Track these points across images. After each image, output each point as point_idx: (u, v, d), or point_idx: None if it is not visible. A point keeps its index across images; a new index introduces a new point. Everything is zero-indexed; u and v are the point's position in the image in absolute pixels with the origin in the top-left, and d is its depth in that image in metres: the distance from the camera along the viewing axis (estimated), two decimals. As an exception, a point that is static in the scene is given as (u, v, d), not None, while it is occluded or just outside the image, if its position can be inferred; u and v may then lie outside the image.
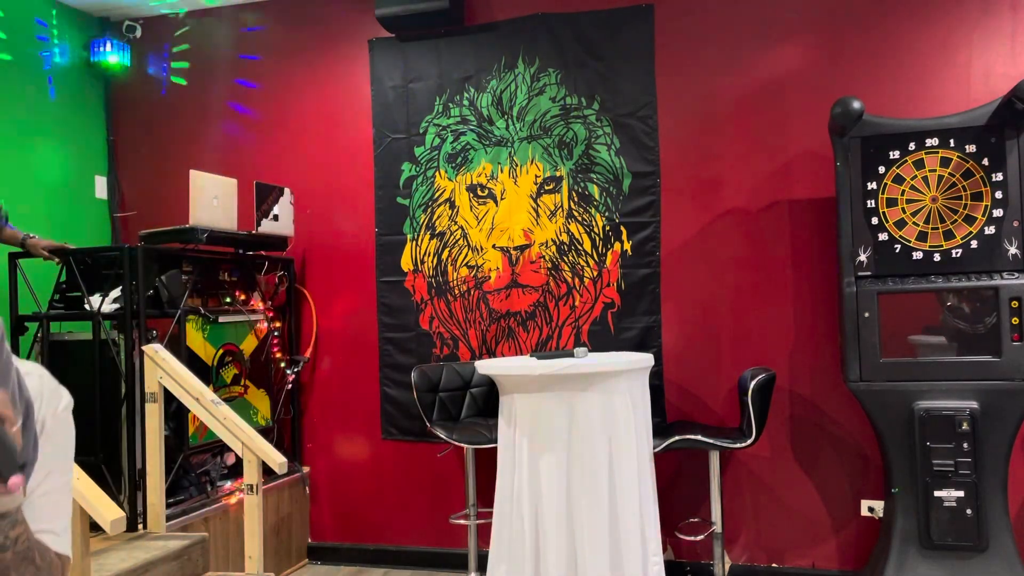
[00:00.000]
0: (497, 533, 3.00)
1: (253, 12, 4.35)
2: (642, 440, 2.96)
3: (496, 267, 3.90)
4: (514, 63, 3.89)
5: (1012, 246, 2.91)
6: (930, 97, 3.40)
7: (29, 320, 3.57)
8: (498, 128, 3.91)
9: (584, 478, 2.81)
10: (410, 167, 4.05)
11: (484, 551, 3.19)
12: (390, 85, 4.08)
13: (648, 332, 3.72)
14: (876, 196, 3.04)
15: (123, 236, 4.53)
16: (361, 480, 4.11)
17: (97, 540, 2.98)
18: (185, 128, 4.44)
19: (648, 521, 2.95)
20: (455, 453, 3.91)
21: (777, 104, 3.59)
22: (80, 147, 4.43)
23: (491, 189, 3.92)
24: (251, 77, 4.35)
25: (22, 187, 4.06)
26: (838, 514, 3.53)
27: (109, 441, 3.36)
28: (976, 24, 3.38)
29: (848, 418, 3.49)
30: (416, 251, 4.03)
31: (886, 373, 3.01)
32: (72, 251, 3.51)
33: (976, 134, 2.95)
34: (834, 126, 3.09)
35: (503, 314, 3.89)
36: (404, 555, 4.03)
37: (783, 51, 3.59)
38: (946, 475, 2.93)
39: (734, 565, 3.64)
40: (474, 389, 3.77)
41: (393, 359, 4.03)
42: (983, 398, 2.92)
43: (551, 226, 3.83)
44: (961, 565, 2.93)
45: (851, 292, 3.05)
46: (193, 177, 3.55)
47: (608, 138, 3.76)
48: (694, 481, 3.61)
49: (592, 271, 3.78)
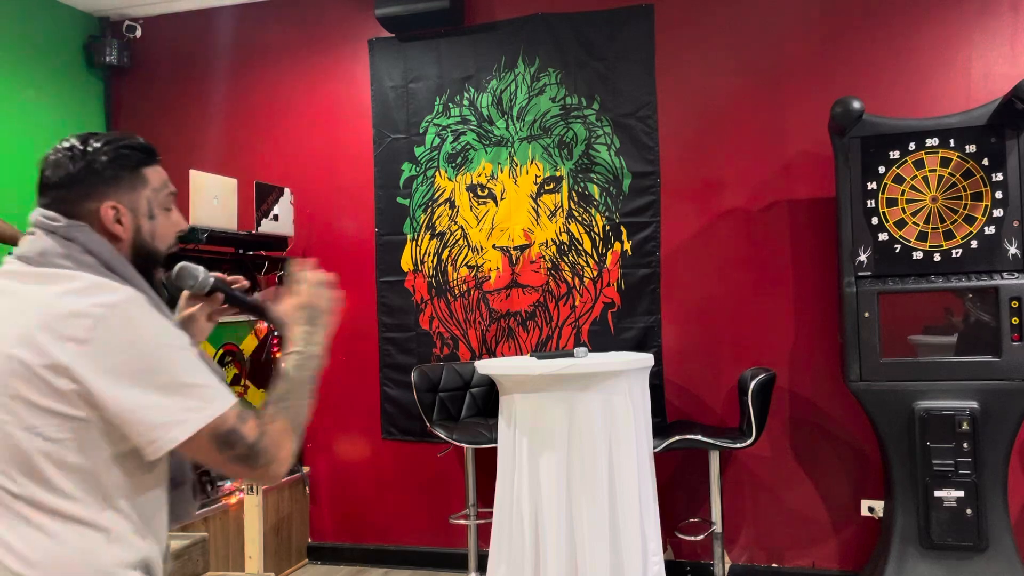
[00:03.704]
0: (497, 533, 3.00)
1: (253, 12, 4.35)
2: (642, 440, 2.96)
3: (496, 267, 3.90)
4: (514, 63, 3.89)
5: (1012, 246, 2.91)
6: (930, 97, 3.40)
7: (29, 320, 3.57)
8: (498, 128, 3.91)
9: (584, 478, 2.81)
10: (410, 167, 4.05)
11: (484, 551, 3.19)
12: (390, 85, 4.08)
13: (648, 332, 3.71)
14: (876, 196, 3.04)
15: (123, 236, 4.53)
16: (361, 480, 4.10)
17: (97, 540, 2.97)
18: (185, 128, 4.44)
19: (648, 521, 2.95)
20: (455, 453, 3.91)
21: (777, 104, 3.59)
22: (80, 147, 4.43)
23: (491, 189, 3.92)
24: (251, 77, 4.35)
25: (22, 187, 4.06)
26: (838, 514, 3.53)
27: (109, 441, 3.35)
28: (976, 24, 3.38)
29: (848, 418, 3.49)
30: (416, 251, 4.03)
31: (886, 373, 3.01)
32: (72, 251, 3.51)
33: (976, 134, 2.95)
34: (834, 126, 3.09)
35: (503, 314, 3.89)
36: (404, 555, 4.03)
37: (783, 51, 3.59)
38: (946, 475, 2.93)
39: (734, 565, 3.64)
40: (474, 389, 3.77)
41: (393, 359, 4.03)
42: (983, 398, 2.91)
43: (551, 226, 3.83)
44: (961, 565, 2.93)
45: (851, 292, 3.05)
46: (193, 177, 3.55)
47: (608, 138, 3.76)
48: (694, 481, 3.61)
49: (592, 271, 3.78)
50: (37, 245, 1.20)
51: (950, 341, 3.07)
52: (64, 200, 1.23)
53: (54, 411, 1.09)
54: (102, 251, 1.20)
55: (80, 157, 1.24)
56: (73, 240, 1.19)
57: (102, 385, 1.08)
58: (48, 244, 1.19)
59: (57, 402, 1.09)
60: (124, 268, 1.21)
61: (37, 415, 1.09)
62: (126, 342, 1.10)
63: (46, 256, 1.18)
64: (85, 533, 1.11)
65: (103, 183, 1.23)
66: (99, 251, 1.20)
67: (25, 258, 1.20)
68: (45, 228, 1.21)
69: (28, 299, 1.13)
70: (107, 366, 1.09)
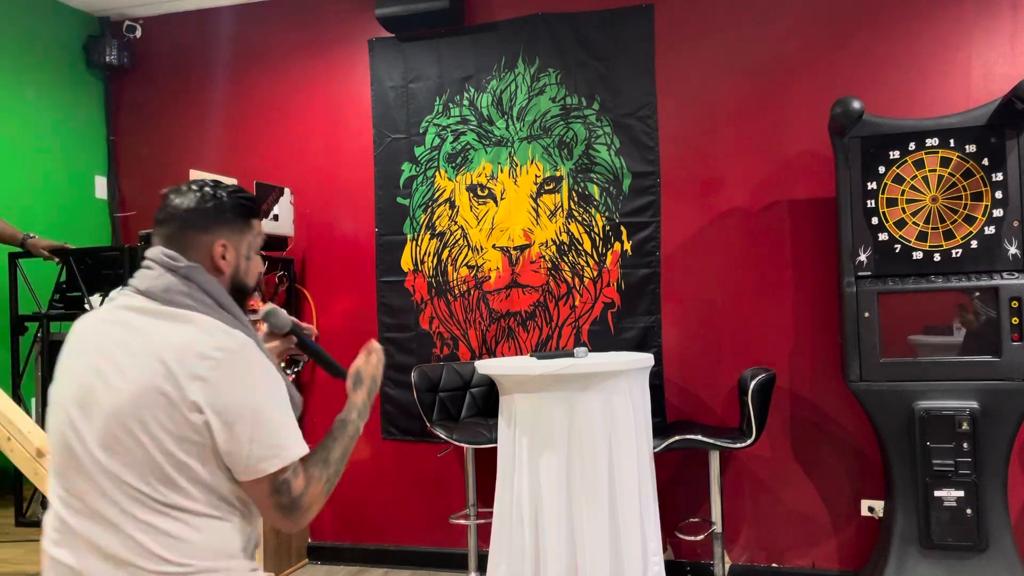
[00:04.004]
0: (497, 533, 3.00)
1: (253, 12, 4.35)
2: (642, 440, 2.96)
3: (496, 267, 3.90)
4: (514, 63, 3.89)
5: (1012, 246, 2.91)
6: (930, 97, 3.40)
7: (29, 320, 3.57)
8: (498, 128, 3.91)
9: (584, 478, 2.81)
10: (410, 167, 4.05)
11: (484, 551, 3.19)
12: (390, 85, 4.08)
13: (648, 332, 3.72)
14: (876, 196, 3.04)
15: (123, 236, 4.53)
16: (361, 480, 4.10)
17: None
18: (185, 128, 4.44)
19: (648, 521, 2.95)
20: (455, 453, 3.91)
21: (777, 104, 3.60)
22: (80, 147, 4.43)
23: (491, 189, 3.92)
24: (251, 77, 4.35)
25: (22, 187, 4.06)
26: (838, 514, 3.53)
27: (109, 441, 3.36)
28: (976, 24, 3.38)
29: (848, 418, 3.49)
30: (416, 251, 4.03)
31: (886, 373, 3.01)
32: (72, 251, 3.52)
33: (976, 134, 2.95)
34: (834, 126, 3.09)
35: (503, 314, 3.89)
36: (404, 555, 4.03)
37: (783, 51, 3.59)
38: (946, 475, 2.93)
39: (734, 565, 3.64)
40: (474, 389, 3.77)
41: (393, 359, 4.03)
42: (983, 398, 2.92)
43: (551, 226, 3.83)
44: (961, 565, 2.93)
45: (851, 292, 3.05)
46: (193, 177, 3.55)
47: (608, 138, 3.76)
48: (694, 481, 3.61)
49: (592, 271, 3.78)
50: (161, 282, 1.40)
51: (950, 341, 3.07)
52: (185, 228, 1.45)
53: (187, 438, 1.32)
54: (216, 292, 1.43)
55: (211, 197, 1.47)
56: (193, 280, 1.41)
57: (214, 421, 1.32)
58: (171, 282, 1.39)
59: (189, 431, 1.32)
60: (232, 307, 1.45)
61: (173, 441, 1.32)
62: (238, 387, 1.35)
63: (170, 294, 1.39)
64: (212, 524, 1.37)
65: (222, 222, 1.47)
66: (214, 292, 1.42)
67: (150, 294, 1.40)
68: (166, 266, 1.41)
69: (162, 337, 1.35)
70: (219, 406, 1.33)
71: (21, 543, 3.22)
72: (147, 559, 1.31)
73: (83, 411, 1.35)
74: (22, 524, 3.47)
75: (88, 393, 1.35)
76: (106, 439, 1.32)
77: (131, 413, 1.31)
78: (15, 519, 3.49)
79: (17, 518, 3.48)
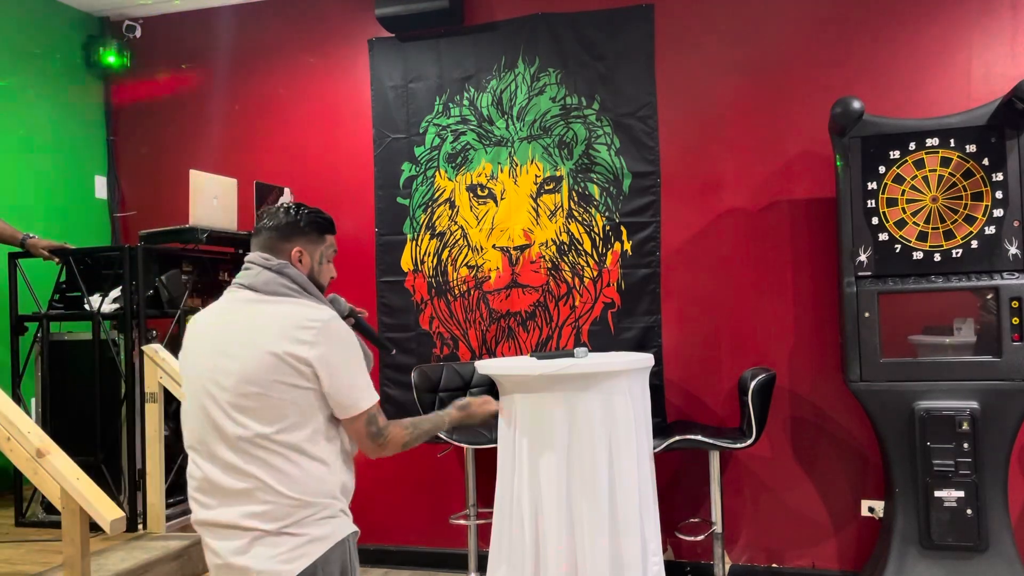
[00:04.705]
0: (497, 533, 3.00)
1: (253, 12, 4.35)
2: (642, 440, 2.96)
3: (496, 267, 3.90)
4: (514, 63, 3.89)
5: (1012, 246, 2.91)
6: (930, 97, 3.40)
7: (29, 320, 3.57)
8: (498, 128, 3.91)
9: (584, 478, 2.81)
10: (410, 167, 4.05)
11: (484, 551, 3.19)
12: (390, 85, 4.08)
13: (648, 332, 3.71)
14: (876, 196, 3.04)
15: (123, 236, 4.54)
16: (361, 480, 4.06)
17: (97, 540, 2.98)
18: (185, 128, 4.44)
19: (648, 521, 2.94)
20: (455, 453, 3.91)
21: (777, 104, 3.59)
22: (80, 147, 4.43)
23: (491, 189, 3.92)
24: (251, 77, 4.35)
25: (22, 187, 4.06)
26: (838, 514, 3.53)
27: (109, 441, 3.36)
28: (976, 24, 3.38)
29: (848, 418, 3.49)
30: (416, 251, 4.03)
31: (886, 373, 3.01)
32: (72, 251, 3.52)
33: (976, 134, 2.95)
34: (834, 126, 3.09)
35: (503, 314, 3.89)
36: (404, 555, 4.03)
37: (783, 51, 3.59)
38: (946, 475, 2.93)
39: (734, 565, 3.64)
40: (474, 389, 3.77)
41: (393, 359, 4.03)
42: (983, 398, 2.91)
43: (551, 226, 3.83)
44: (961, 565, 2.93)
45: (851, 292, 3.05)
46: (193, 177, 3.55)
47: (608, 138, 3.76)
48: (694, 481, 3.61)
49: (592, 271, 3.78)
50: (261, 277, 1.80)
51: (951, 341, 3.07)
52: (272, 237, 1.85)
53: (298, 385, 1.70)
54: (303, 282, 1.83)
55: (293, 215, 1.88)
56: (284, 274, 1.80)
57: (321, 371, 1.71)
58: (269, 276, 1.79)
59: (300, 379, 1.70)
60: (316, 292, 1.85)
61: (288, 390, 1.69)
62: (335, 346, 1.74)
63: (270, 285, 1.78)
64: (317, 465, 1.73)
65: (300, 234, 1.87)
66: (301, 282, 1.82)
67: (254, 288, 1.79)
68: (263, 265, 1.81)
69: (271, 315, 1.75)
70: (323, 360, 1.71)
71: (21, 543, 3.22)
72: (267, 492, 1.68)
73: (216, 383, 1.71)
74: (22, 524, 3.47)
75: (218, 368, 1.72)
76: (237, 400, 1.69)
77: (255, 376, 1.68)
78: (15, 519, 3.49)
79: (17, 518, 3.48)
